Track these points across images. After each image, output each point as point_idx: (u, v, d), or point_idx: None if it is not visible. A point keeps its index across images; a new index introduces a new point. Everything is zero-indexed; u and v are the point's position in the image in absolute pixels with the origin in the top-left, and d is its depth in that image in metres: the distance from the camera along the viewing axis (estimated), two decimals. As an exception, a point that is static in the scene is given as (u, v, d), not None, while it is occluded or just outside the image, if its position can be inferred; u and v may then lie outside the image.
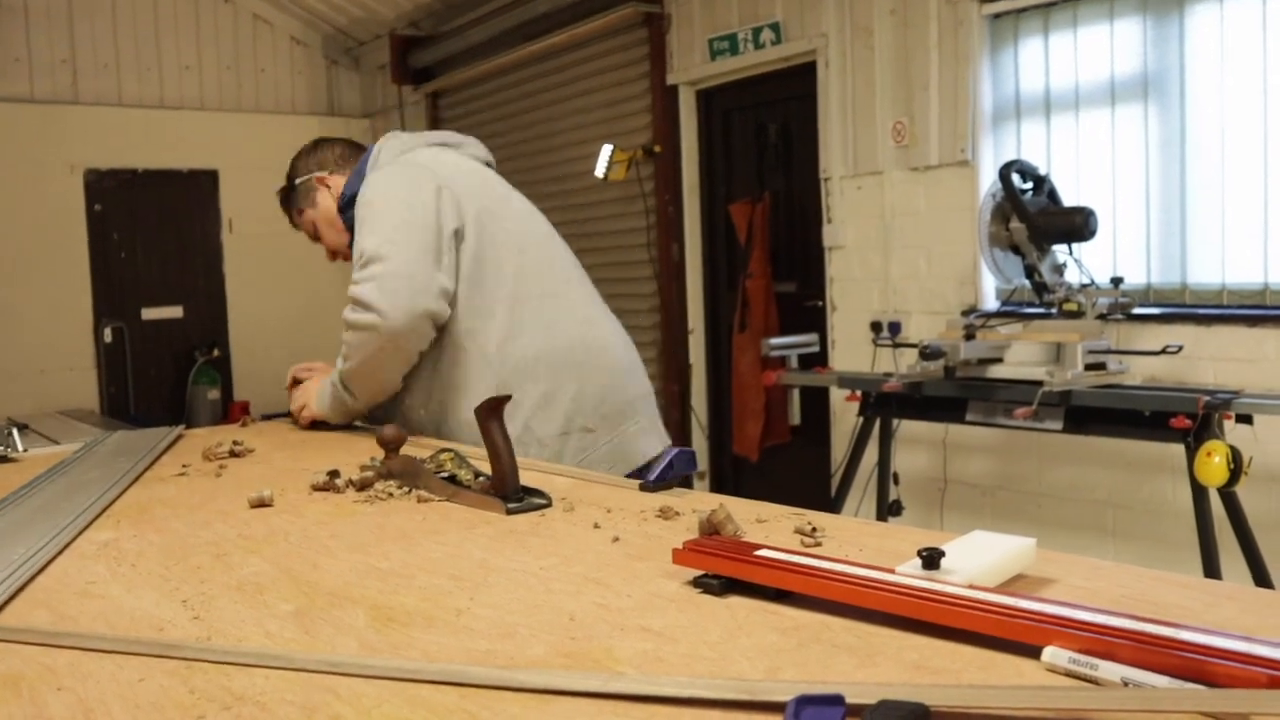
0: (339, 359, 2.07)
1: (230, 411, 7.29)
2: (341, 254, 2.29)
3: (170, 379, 7.42)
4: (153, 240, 7.34)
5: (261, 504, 1.45)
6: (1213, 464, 2.84)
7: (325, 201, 2.27)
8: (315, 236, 2.34)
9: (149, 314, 7.34)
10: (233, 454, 1.88)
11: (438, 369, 2.03)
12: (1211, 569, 2.98)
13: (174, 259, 7.43)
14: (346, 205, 2.17)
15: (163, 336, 7.39)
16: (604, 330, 2.16)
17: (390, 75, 7.31)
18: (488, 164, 2.27)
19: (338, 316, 2.02)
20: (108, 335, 7.19)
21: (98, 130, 7.05)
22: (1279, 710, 0.67)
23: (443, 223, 1.98)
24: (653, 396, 2.23)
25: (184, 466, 1.79)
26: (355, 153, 2.32)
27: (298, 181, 2.32)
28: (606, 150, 5.63)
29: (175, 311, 7.45)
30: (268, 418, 2.36)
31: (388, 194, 2.03)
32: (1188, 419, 2.96)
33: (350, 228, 2.17)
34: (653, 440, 2.14)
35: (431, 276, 1.95)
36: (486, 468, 1.44)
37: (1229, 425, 3.06)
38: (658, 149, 5.74)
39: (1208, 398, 2.97)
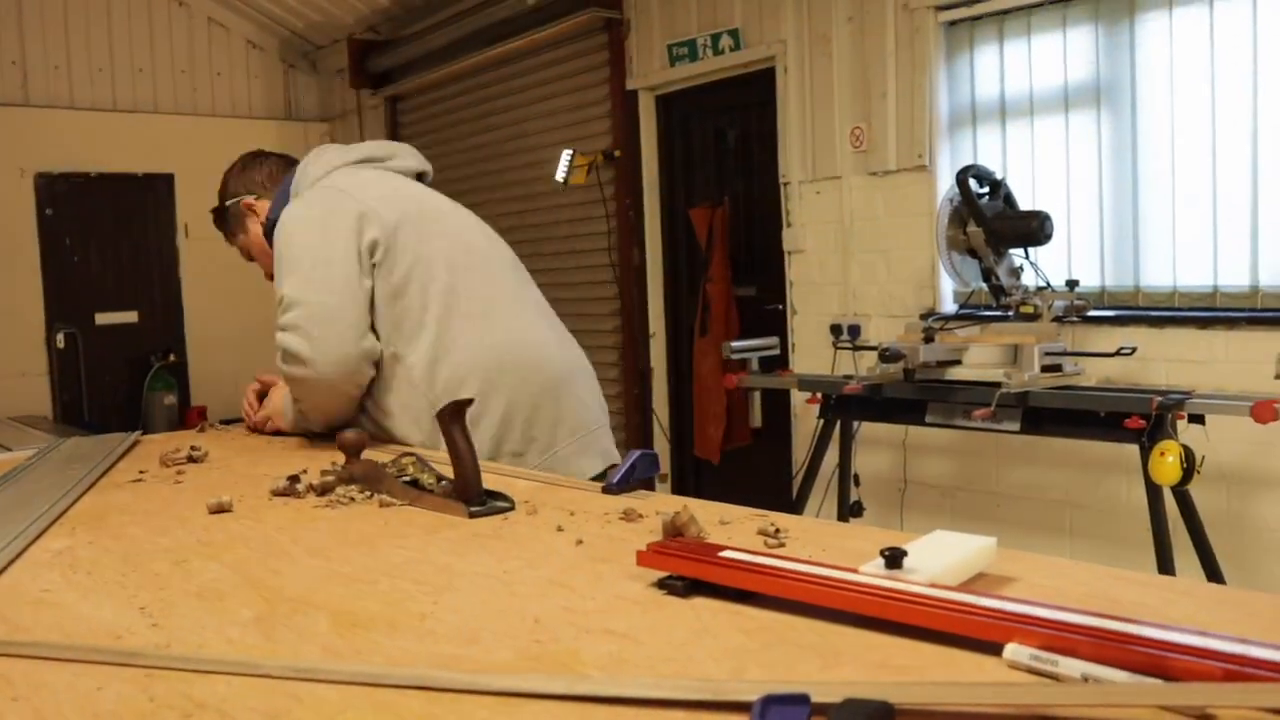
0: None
1: (187, 417, 7.20)
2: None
3: (125, 385, 7.32)
4: (107, 245, 7.24)
5: (221, 510, 1.43)
6: (1166, 463, 2.88)
7: (254, 228, 2.17)
8: (250, 258, 2.25)
9: (103, 319, 7.24)
10: (191, 459, 1.86)
11: (371, 393, 1.95)
12: (1165, 566, 3.03)
13: (129, 264, 7.33)
14: (271, 230, 2.06)
15: (117, 342, 7.28)
16: (538, 343, 2.03)
17: (349, 80, 7.26)
18: (421, 174, 2.18)
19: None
20: (60, 340, 7.07)
21: (49, 133, 6.94)
22: (1235, 703, 0.68)
23: (361, 250, 1.89)
24: (596, 411, 2.10)
25: (141, 472, 1.77)
26: (286, 170, 2.19)
27: (227, 204, 2.22)
28: (566, 155, 5.63)
29: (130, 316, 7.34)
30: (226, 423, 2.33)
31: (304, 229, 1.93)
32: (1142, 419, 3.01)
33: None
34: (590, 460, 2.02)
35: (360, 316, 1.87)
36: (449, 471, 1.44)
37: (1182, 425, 3.11)
38: (618, 154, 5.74)
39: (1161, 398, 3.02)
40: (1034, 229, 3.53)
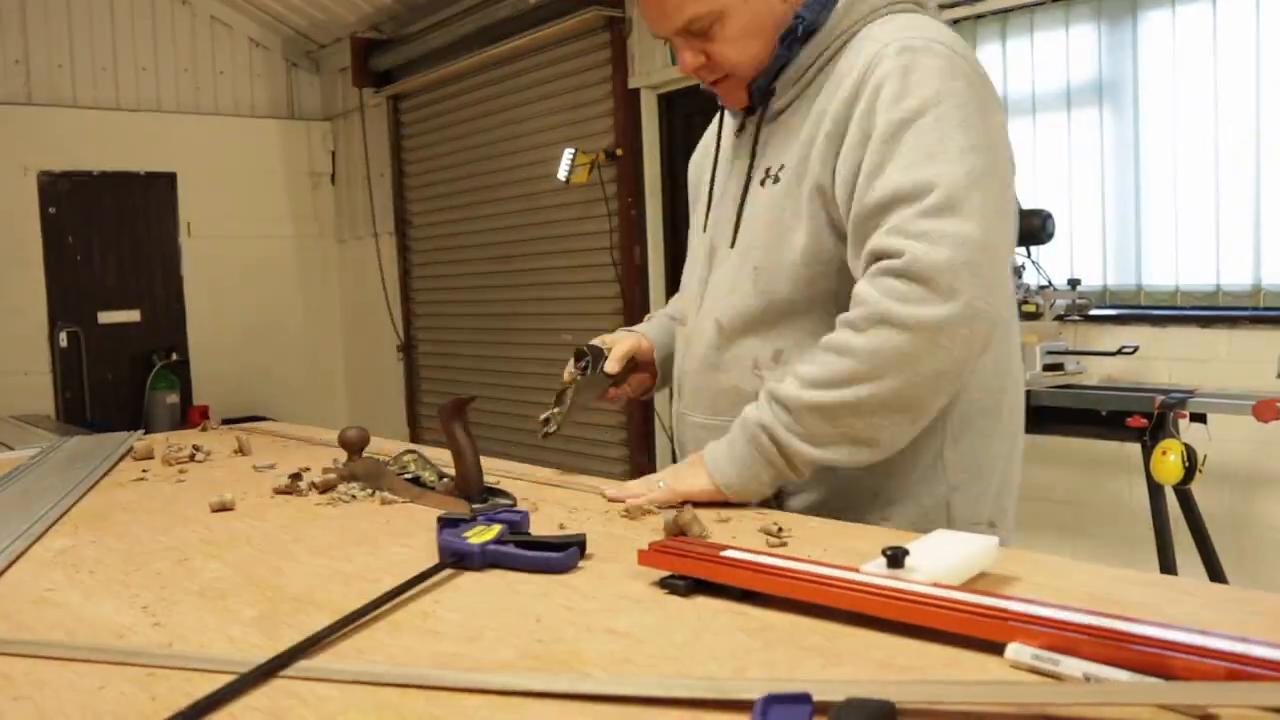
0: (798, 380, 1.28)
1: (189, 416, 7.20)
2: (723, 71, 1.42)
3: (128, 384, 7.31)
4: (109, 243, 7.24)
5: (223, 508, 1.44)
6: (1168, 462, 2.88)
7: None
8: (697, 31, 1.39)
9: (105, 318, 7.24)
10: (193, 458, 1.86)
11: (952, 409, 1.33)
12: (1167, 565, 3.03)
13: (131, 262, 7.33)
14: (797, 35, 1.37)
15: (120, 341, 7.28)
16: None
17: (351, 78, 7.26)
18: None
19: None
20: (63, 339, 7.08)
21: (52, 132, 6.94)
22: (1236, 702, 0.68)
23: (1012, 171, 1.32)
24: None
25: (143, 471, 1.77)
26: None
27: None
28: (568, 153, 5.63)
29: (133, 315, 7.34)
30: (228, 422, 2.33)
31: (958, 95, 1.28)
32: (1144, 418, 3.00)
33: (773, 64, 1.39)
34: None
35: (1010, 257, 1.31)
36: (450, 468, 1.44)
37: (1184, 424, 3.11)
38: (619, 152, 5.74)
39: (1163, 397, 3.02)
40: (1036, 228, 3.52)
